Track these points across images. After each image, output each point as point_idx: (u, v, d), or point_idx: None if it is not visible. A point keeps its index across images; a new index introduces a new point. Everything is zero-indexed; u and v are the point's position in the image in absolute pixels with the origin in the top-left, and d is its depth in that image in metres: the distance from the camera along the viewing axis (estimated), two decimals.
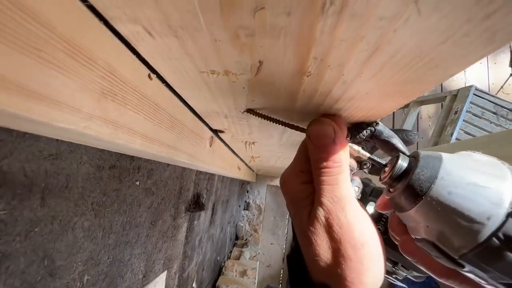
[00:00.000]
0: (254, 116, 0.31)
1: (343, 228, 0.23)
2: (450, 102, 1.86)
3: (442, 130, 1.80)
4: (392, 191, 0.23)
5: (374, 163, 0.25)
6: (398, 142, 0.27)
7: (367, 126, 0.28)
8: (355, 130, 0.28)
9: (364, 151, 0.26)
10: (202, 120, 0.42)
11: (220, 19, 0.15)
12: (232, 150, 0.74)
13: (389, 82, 0.20)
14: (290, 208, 0.26)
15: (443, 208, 0.19)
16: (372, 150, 0.31)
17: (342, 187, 0.24)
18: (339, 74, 0.20)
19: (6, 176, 0.27)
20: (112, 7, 0.15)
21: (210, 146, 0.50)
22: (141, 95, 0.24)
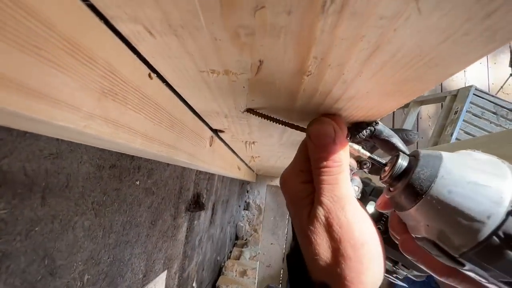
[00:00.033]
0: (254, 115, 0.31)
1: (343, 227, 0.23)
2: (450, 102, 1.86)
3: (442, 130, 1.80)
4: (392, 190, 0.23)
5: (374, 162, 0.25)
6: (398, 141, 0.27)
7: (367, 126, 0.28)
8: (355, 130, 0.28)
9: (364, 150, 0.26)
10: (202, 119, 0.42)
11: (220, 18, 0.15)
12: (232, 150, 0.74)
13: (389, 82, 0.20)
14: (290, 208, 0.26)
15: (444, 207, 0.19)
16: (372, 149, 0.31)
17: (342, 186, 0.24)
18: (339, 74, 0.20)
19: (7, 175, 0.27)
20: (113, 6, 0.15)
21: (210, 145, 0.50)
22: (141, 94, 0.24)
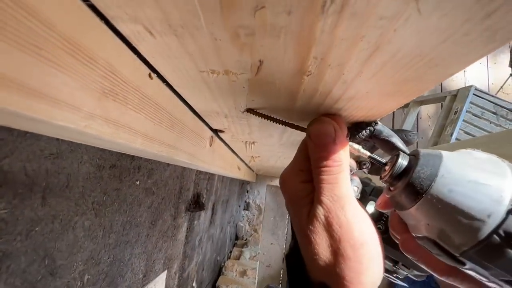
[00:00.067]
0: (254, 115, 0.31)
1: (343, 227, 0.23)
2: (450, 102, 1.86)
3: (442, 130, 1.80)
4: (392, 189, 0.23)
5: (374, 161, 0.25)
6: (397, 141, 0.27)
7: (366, 126, 0.28)
8: (354, 130, 0.28)
9: (364, 150, 0.26)
10: (202, 119, 0.42)
11: (220, 18, 0.15)
12: (232, 150, 0.74)
13: (389, 82, 0.20)
14: (289, 207, 0.26)
15: (444, 206, 0.19)
16: (372, 149, 0.31)
17: (342, 186, 0.24)
18: (339, 74, 0.20)
19: (7, 175, 0.27)
20: (113, 7, 0.15)
21: (210, 145, 0.50)
22: (142, 94, 0.24)
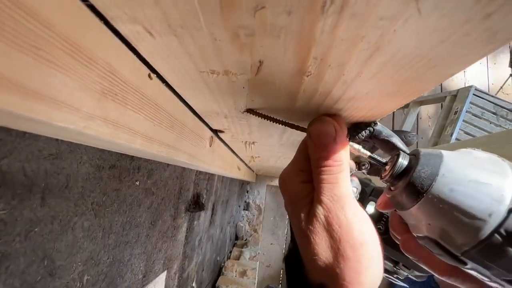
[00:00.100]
0: (254, 116, 0.31)
1: (343, 227, 0.22)
2: (450, 102, 1.86)
3: (442, 130, 1.80)
4: (393, 189, 0.23)
5: (375, 161, 0.25)
6: (397, 141, 0.27)
7: (365, 127, 0.28)
8: (354, 131, 0.28)
9: (365, 150, 0.26)
10: (202, 120, 0.42)
11: (220, 18, 0.15)
12: (232, 150, 0.74)
13: (389, 82, 0.20)
14: (288, 208, 0.26)
15: (445, 205, 0.19)
16: (372, 150, 0.30)
17: (342, 185, 0.24)
18: (339, 74, 0.20)
19: (6, 176, 0.27)
20: (113, 7, 0.15)
21: (210, 146, 0.50)
22: (141, 95, 0.24)
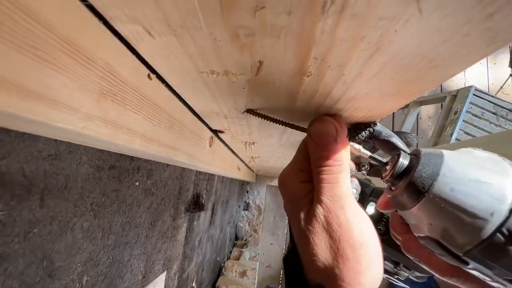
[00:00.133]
0: (254, 116, 0.31)
1: (342, 227, 0.22)
2: (450, 103, 1.86)
3: (442, 131, 1.80)
4: (394, 189, 0.23)
5: (376, 161, 0.25)
6: (398, 141, 0.27)
7: (365, 127, 0.28)
8: (354, 131, 0.28)
9: (365, 150, 0.26)
10: (201, 120, 0.41)
11: (220, 18, 0.15)
12: (232, 151, 0.74)
13: (389, 82, 0.20)
14: (288, 208, 0.26)
15: (446, 205, 0.19)
16: (372, 150, 0.30)
17: (342, 185, 0.23)
18: (340, 74, 0.20)
19: (5, 176, 0.27)
20: (112, 7, 0.15)
21: (210, 146, 0.50)
22: (140, 95, 0.24)
